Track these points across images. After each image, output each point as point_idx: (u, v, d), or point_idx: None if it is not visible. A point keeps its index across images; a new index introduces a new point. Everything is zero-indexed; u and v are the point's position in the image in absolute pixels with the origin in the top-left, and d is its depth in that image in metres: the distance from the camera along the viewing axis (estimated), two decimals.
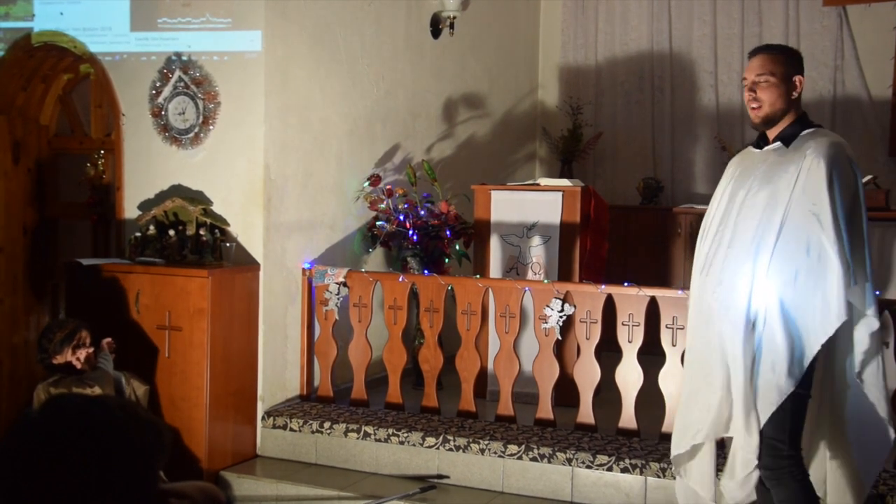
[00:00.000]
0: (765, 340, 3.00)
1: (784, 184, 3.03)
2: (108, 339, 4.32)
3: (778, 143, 3.15)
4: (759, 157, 3.20)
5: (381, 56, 5.66)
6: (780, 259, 2.99)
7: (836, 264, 2.93)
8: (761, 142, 3.22)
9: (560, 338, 4.58)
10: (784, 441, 3.01)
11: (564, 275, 5.11)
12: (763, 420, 2.99)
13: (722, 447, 3.39)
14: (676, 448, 3.29)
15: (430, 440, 4.44)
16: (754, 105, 3.17)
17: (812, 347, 2.96)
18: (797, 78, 3.16)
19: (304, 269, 5.01)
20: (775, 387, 2.96)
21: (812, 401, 3.12)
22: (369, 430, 4.56)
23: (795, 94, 3.16)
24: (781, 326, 2.97)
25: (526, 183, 5.40)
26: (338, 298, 4.90)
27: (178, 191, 4.86)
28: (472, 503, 4.22)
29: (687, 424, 3.23)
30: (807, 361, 2.96)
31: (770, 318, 2.99)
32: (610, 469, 4.11)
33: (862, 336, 3.07)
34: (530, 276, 5.18)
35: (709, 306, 3.16)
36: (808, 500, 3.02)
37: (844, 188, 3.00)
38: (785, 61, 3.16)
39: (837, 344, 3.09)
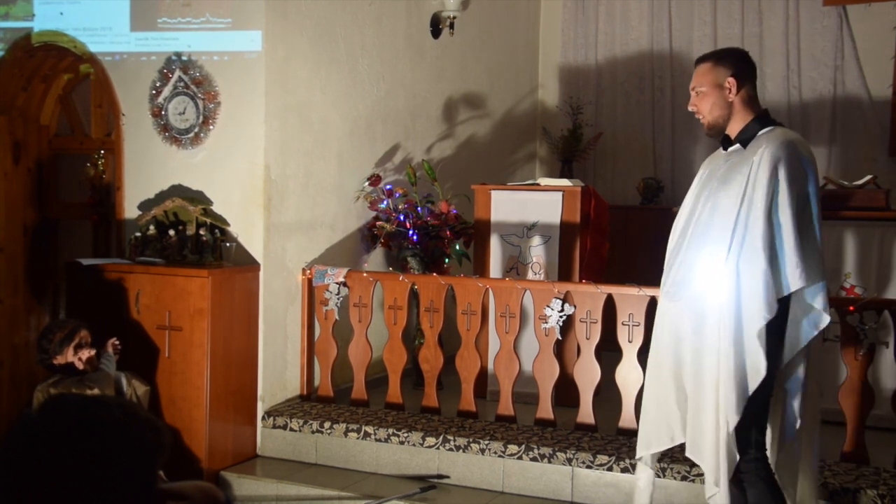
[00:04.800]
0: (722, 351, 3.00)
1: (737, 186, 3.05)
2: (114, 340, 4.32)
3: (738, 146, 3.18)
4: (723, 158, 3.24)
5: (381, 56, 5.66)
6: (732, 263, 3.00)
7: (762, 261, 2.94)
8: (727, 142, 3.24)
9: (560, 338, 4.58)
10: (751, 443, 3.05)
11: (564, 275, 5.11)
12: (732, 425, 2.99)
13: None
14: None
15: (431, 440, 4.44)
16: (697, 116, 3.26)
17: (752, 357, 2.96)
18: (727, 80, 3.15)
19: (303, 269, 5.02)
20: (736, 393, 2.97)
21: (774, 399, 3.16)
22: (369, 429, 4.56)
23: (731, 97, 3.16)
24: (731, 334, 2.98)
25: (526, 183, 5.40)
26: (338, 298, 4.90)
27: (178, 191, 4.87)
28: (472, 503, 4.22)
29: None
30: (758, 365, 2.95)
31: (723, 327, 3.00)
32: (610, 469, 4.11)
33: (808, 330, 3.08)
34: (530, 276, 5.18)
35: (668, 310, 3.23)
36: (774, 498, 3.07)
37: (790, 187, 2.98)
38: (711, 69, 3.19)
39: (788, 342, 3.11)
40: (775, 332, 3.04)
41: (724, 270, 3.01)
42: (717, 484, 3.05)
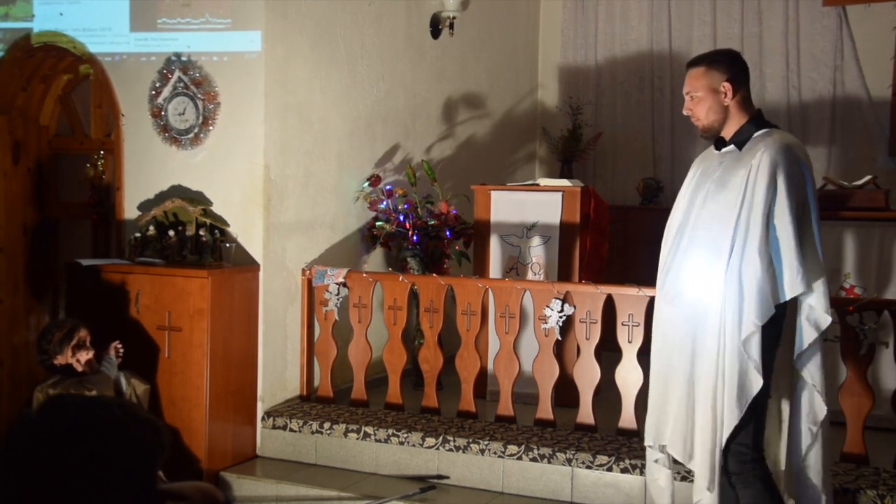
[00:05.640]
0: (724, 357, 3.01)
1: (735, 190, 3.05)
2: (116, 343, 4.32)
3: (732, 147, 3.16)
4: (717, 158, 3.22)
5: (381, 56, 5.66)
6: (734, 268, 3.00)
7: (758, 268, 2.94)
8: (720, 142, 3.23)
9: (560, 338, 4.58)
10: (748, 445, 3.05)
11: (564, 275, 5.10)
12: (728, 430, 3.00)
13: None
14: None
15: (430, 440, 4.44)
16: (693, 119, 3.22)
17: (745, 354, 2.98)
18: (723, 85, 3.13)
19: (303, 270, 5.02)
20: (737, 399, 2.98)
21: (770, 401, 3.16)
22: (369, 430, 4.56)
23: (727, 101, 3.14)
24: (734, 340, 2.99)
25: (526, 183, 5.40)
26: (337, 299, 4.90)
27: (177, 191, 4.87)
28: (471, 503, 4.22)
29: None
30: (751, 370, 2.97)
31: (726, 333, 3.01)
32: (610, 469, 4.11)
33: (809, 332, 3.08)
34: (530, 276, 5.18)
35: (663, 313, 3.25)
36: (772, 499, 3.06)
37: (789, 192, 2.98)
38: (705, 73, 3.16)
39: (787, 342, 3.12)
40: (770, 336, 3.04)
41: (724, 276, 3.00)
42: (709, 488, 3.05)
